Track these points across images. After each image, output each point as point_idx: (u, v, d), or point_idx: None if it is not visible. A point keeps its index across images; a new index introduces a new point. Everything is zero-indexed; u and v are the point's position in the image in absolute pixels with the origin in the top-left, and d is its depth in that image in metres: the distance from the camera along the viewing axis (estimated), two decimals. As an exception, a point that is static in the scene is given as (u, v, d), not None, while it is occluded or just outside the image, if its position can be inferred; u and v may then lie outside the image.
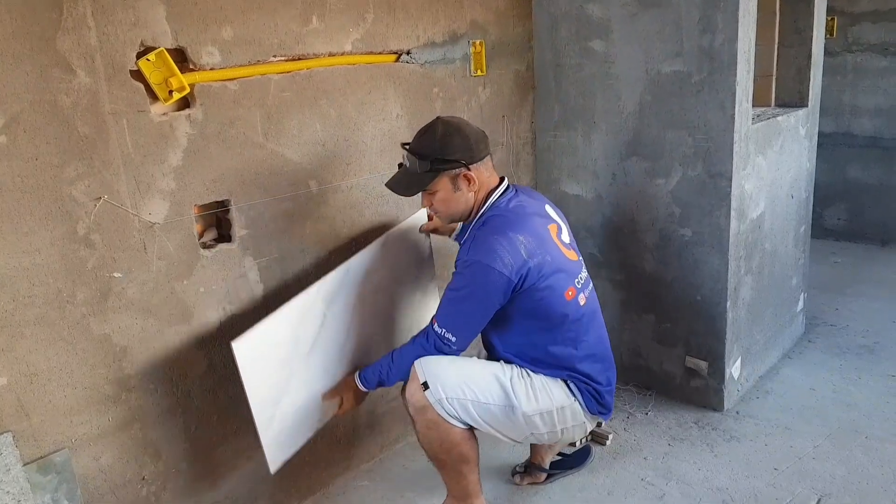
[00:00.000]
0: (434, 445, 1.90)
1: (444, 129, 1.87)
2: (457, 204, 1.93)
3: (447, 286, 1.91)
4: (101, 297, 1.68)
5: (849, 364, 2.93)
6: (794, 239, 2.99)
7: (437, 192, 1.90)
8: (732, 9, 2.21)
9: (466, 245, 1.89)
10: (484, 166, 1.93)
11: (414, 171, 1.89)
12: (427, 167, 1.86)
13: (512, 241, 1.83)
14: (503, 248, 1.81)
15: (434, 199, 1.93)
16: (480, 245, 1.84)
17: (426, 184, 1.89)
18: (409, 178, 1.91)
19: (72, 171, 1.58)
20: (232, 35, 1.82)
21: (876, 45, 4.25)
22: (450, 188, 1.90)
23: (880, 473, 2.22)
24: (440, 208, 1.95)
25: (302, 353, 1.96)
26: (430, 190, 1.90)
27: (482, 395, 1.88)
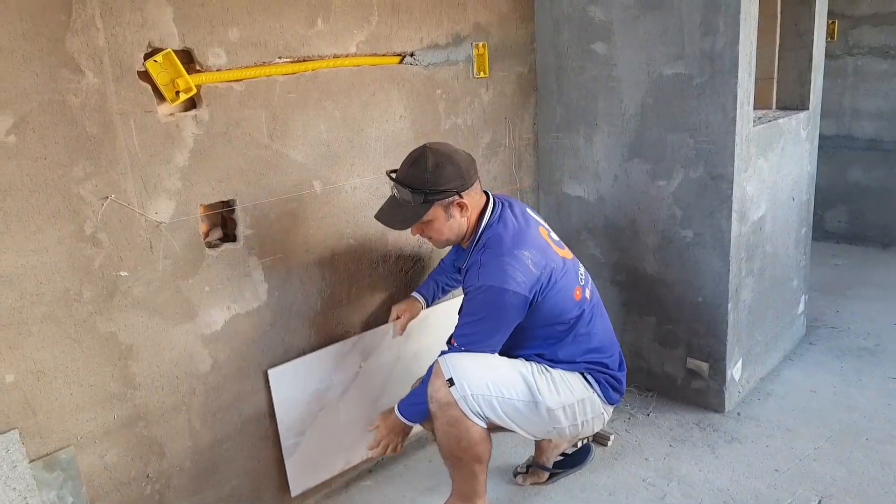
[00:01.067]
0: (453, 443, 1.90)
1: (434, 160, 1.87)
2: (450, 231, 1.96)
3: (461, 310, 1.95)
4: (108, 296, 1.69)
5: (849, 366, 2.94)
6: (795, 241, 3.00)
7: (431, 222, 1.93)
8: (734, 12, 2.23)
9: (474, 271, 1.90)
10: (474, 190, 1.95)
11: (406, 203, 1.90)
12: (420, 199, 1.87)
13: (519, 258, 1.86)
14: (513, 268, 1.85)
15: (427, 228, 1.95)
16: (489, 269, 1.86)
17: (420, 216, 1.90)
18: (403, 212, 1.91)
19: (79, 171, 1.60)
20: (238, 37, 1.83)
21: (876, 49, 4.26)
22: (443, 217, 1.93)
23: (881, 475, 2.23)
24: (433, 236, 1.98)
25: (333, 396, 2.20)
26: (422, 219, 1.92)
27: (507, 391, 1.90)
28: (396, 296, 2.40)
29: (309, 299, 2.13)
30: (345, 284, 2.23)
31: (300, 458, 2.15)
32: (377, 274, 2.33)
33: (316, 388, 2.16)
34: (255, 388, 2.05)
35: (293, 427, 2.12)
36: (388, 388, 2.36)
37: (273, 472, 2.13)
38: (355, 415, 2.28)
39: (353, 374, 2.26)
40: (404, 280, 2.43)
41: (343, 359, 2.23)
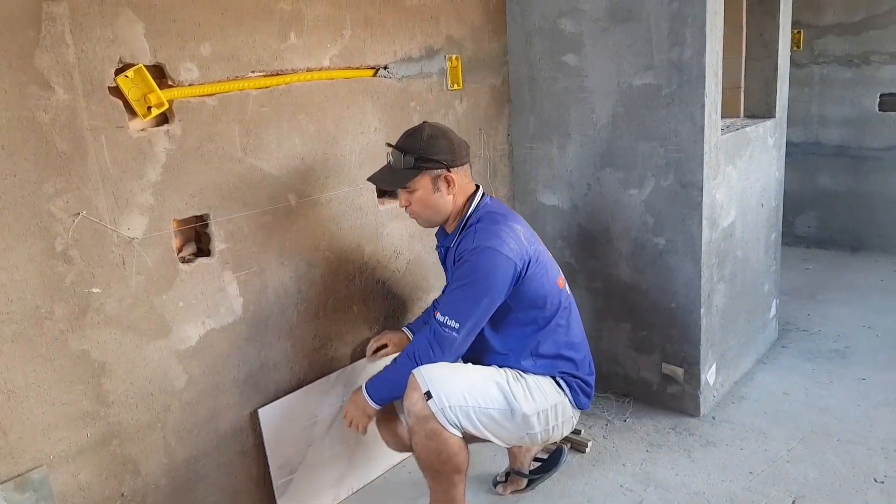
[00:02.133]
0: (432, 456, 1.90)
1: (430, 131, 1.94)
2: (434, 206, 1.99)
3: (451, 281, 1.96)
4: (80, 313, 1.68)
5: (821, 368, 3.00)
6: (766, 246, 3.06)
7: (417, 192, 1.96)
8: (700, 23, 2.27)
9: (469, 237, 1.93)
10: (464, 172, 2.00)
11: (398, 167, 1.96)
12: (411, 163, 1.92)
13: (513, 229, 1.94)
14: (507, 234, 1.91)
15: (413, 197, 1.97)
16: (484, 233, 1.90)
17: (408, 179, 1.94)
18: (392, 174, 1.98)
19: (50, 188, 1.59)
20: (210, 51, 1.84)
21: (841, 57, 4.36)
22: (430, 188, 1.96)
23: (852, 475, 2.27)
24: (417, 209, 1.99)
25: (319, 431, 2.22)
26: (411, 188, 1.95)
27: (483, 401, 1.90)
28: (373, 307, 2.41)
29: (285, 313, 2.13)
30: (321, 297, 2.23)
31: (291, 497, 2.15)
32: (354, 286, 2.33)
33: (303, 425, 2.18)
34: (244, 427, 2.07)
35: (285, 464, 2.13)
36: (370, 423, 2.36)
37: (251, 488, 2.12)
38: (339, 450, 2.28)
39: (337, 409, 2.27)
40: (381, 291, 2.43)
41: (327, 393, 2.25)
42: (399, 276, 2.49)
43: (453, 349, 1.90)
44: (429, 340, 1.91)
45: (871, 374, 2.91)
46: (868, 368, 2.96)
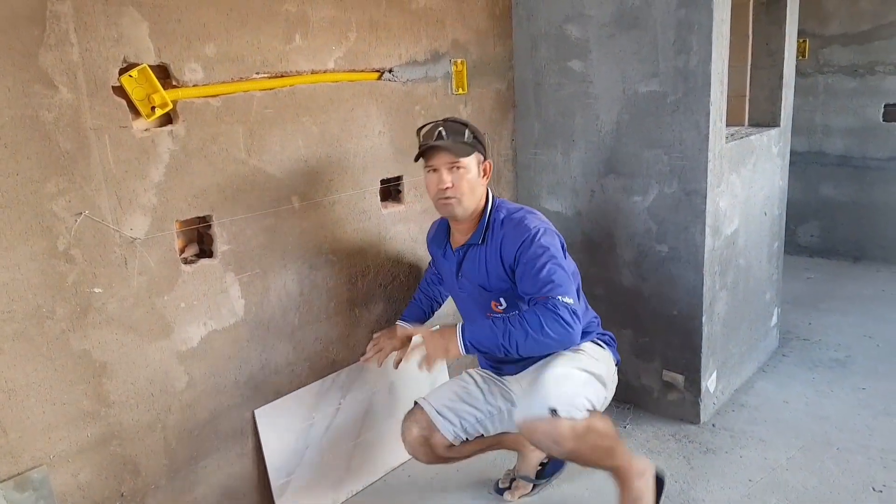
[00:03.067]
0: (600, 452, 1.86)
1: (466, 120, 1.99)
2: (477, 192, 1.95)
3: (528, 269, 1.83)
4: (81, 313, 1.67)
5: (821, 377, 2.99)
6: (768, 255, 3.05)
7: (468, 169, 1.92)
8: (706, 31, 2.27)
9: (512, 229, 1.91)
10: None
11: (459, 140, 1.90)
12: (471, 139, 1.92)
13: (541, 216, 1.98)
14: (540, 217, 1.96)
15: (461, 177, 1.90)
16: (529, 221, 1.91)
17: (468, 153, 1.91)
18: (454, 145, 1.90)
19: (53, 187, 1.59)
20: (215, 52, 1.83)
21: (846, 67, 4.36)
22: (475, 170, 1.94)
23: (850, 484, 2.26)
24: (465, 190, 1.91)
25: (317, 433, 2.21)
26: (463, 165, 1.90)
27: (579, 383, 1.87)
28: (375, 311, 2.41)
29: (287, 315, 2.13)
30: (323, 300, 2.23)
31: (290, 499, 2.14)
32: (356, 289, 2.33)
33: (300, 426, 2.17)
34: (244, 428, 2.07)
35: (283, 466, 2.13)
36: (368, 423, 2.37)
37: (251, 490, 2.11)
38: (338, 452, 2.28)
39: (334, 411, 2.27)
40: (383, 295, 2.43)
41: (324, 395, 2.25)
42: (402, 281, 2.49)
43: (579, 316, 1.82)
44: (558, 317, 1.74)
45: (871, 384, 2.90)
46: (868, 378, 2.96)
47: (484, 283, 1.99)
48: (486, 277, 1.98)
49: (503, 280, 1.94)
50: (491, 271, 1.96)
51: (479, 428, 2.11)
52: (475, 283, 2.01)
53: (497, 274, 1.95)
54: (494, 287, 1.97)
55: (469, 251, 2.01)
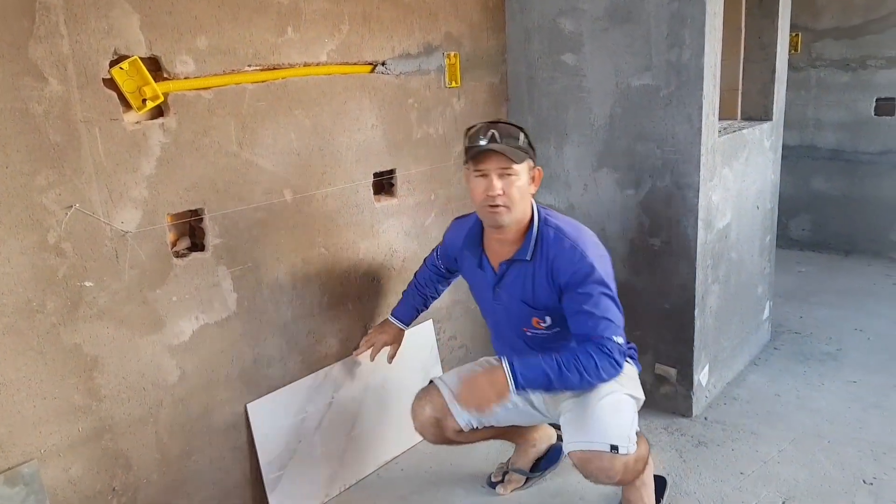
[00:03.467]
0: (637, 473, 1.87)
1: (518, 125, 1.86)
2: (526, 200, 1.83)
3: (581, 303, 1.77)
4: (72, 307, 1.66)
5: (812, 371, 3.01)
6: (760, 249, 3.06)
7: (519, 176, 1.78)
8: (699, 25, 2.27)
9: (567, 250, 1.81)
10: None
11: (513, 144, 1.77)
12: (526, 144, 1.79)
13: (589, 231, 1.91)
14: (594, 236, 1.88)
15: (512, 182, 1.77)
16: (584, 244, 1.82)
17: (522, 158, 1.78)
18: (509, 149, 1.76)
19: (42, 180, 1.57)
20: (207, 44, 1.82)
21: (838, 61, 4.37)
22: (527, 178, 1.81)
23: (841, 476, 2.28)
24: (516, 197, 1.78)
25: (309, 427, 2.21)
26: (514, 171, 1.76)
27: (627, 410, 1.86)
28: (368, 305, 2.40)
29: (280, 309, 2.12)
30: (316, 294, 2.22)
31: (282, 493, 2.14)
32: (349, 283, 2.32)
33: (292, 420, 2.17)
34: (237, 423, 2.06)
35: (275, 460, 2.12)
36: (361, 417, 2.37)
37: (244, 483, 2.11)
38: (331, 447, 2.28)
39: (326, 405, 2.27)
40: (376, 289, 2.42)
41: (317, 389, 2.25)
42: (394, 274, 2.48)
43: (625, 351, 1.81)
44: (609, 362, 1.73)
45: (862, 377, 2.92)
46: (859, 371, 2.98)
47: (528, 299, 1.89)
48: (532, 295, 1.87)
49: (551, 299, 1.85)
50: (538, 289, 1.85)
51: (492, 419, 2.08)
52: (516, 298, 1.91)
53: (545, 293, 1.85)
54: (540, 305, 1.88)
55: (514, 265, 1.89)
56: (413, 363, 2.55)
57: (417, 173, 2.49)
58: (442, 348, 2.69)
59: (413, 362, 2.55)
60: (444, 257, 2.21)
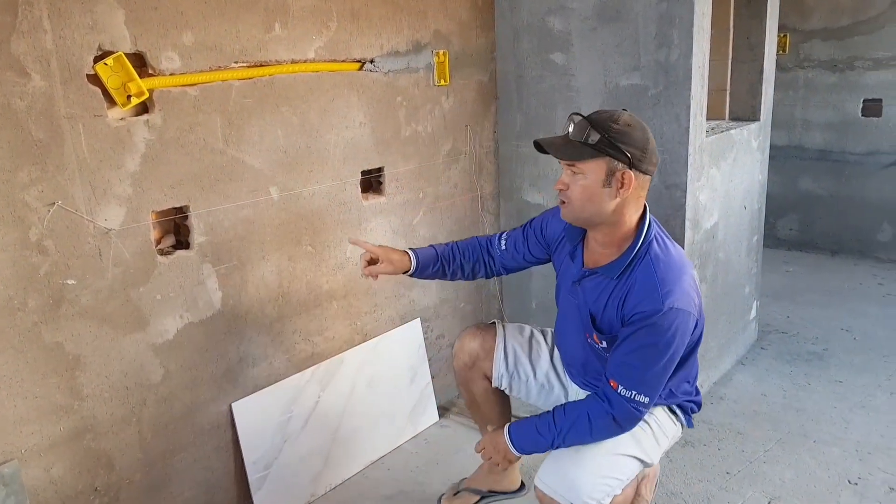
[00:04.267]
0: None
1: (628, 119, 1.62)
2: (596, 203, 1.62)
3: (623, 341, 1.63)
4: (54, 305, 1.65)
5: (799, 370, 3.02)
6: (747, 248, 3.07)
7: (585, 175, 1.61)
8: (687, 25, 2.27)
9: (646, 288, 1.61)
10: (643, 182, 1.65)
11: (577, 138, 1.61)
12: (595, 140, 1.58)
13: (692, 277, 1.66)
14: (691, 287, 1.63)
15: (576, 181, 1.63)
16: (671, 287, 1.59)
17: (585, 157, 1.60)
18: (569, 144, 1.63)
19: (25, 176, 1.56)
20: (193, 41, 1.81)
21: (826, 62, 4.40)
22: (601, 179, 1.60)
23: (826, 476, 2.29)
24: (576, 196, 1.64)
25: (295, 427, 2.19)
26: (580, 169, 1.61)
27: (623, 475, 1.70)
28: (355, 303, 2.39)
29: (265, 308, 2.11)
30: (303, 292, 2.21)
31: (267, 492, 2.13)
32: (336, 281, 2.31)
33: (278, 420, 2.16)
34: (221, 422, 2.05)
35: (260, 460, 2.11)
36: (347, 417, 2.36)
37: (228, 483, 2.09)
38: (316, 446, 2.27)
39: (312, 404, 2.26)
40: (363, 287, 2.41)
41: (303, 388, 2.23)
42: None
43: (638, 424, 1.67)
44: (612, 416, 1.62)
45: (848, 377, 2.94)
46: (845, 371, 2.99)
47: (597, 314, 1.74)
48: (602, 311, 1.72)
49: (614, 326, 1.69)
50: (609, 309, 1.70)
51: (522, 390, 2.01)
52: (587, 306, 1.76)
53: (613, 315, 1.69)
54: (604, 326, 1.73)
55: (597, 275, 1.73)
56: (400, 362, 2.54)
57: (405, 171, 2.48)
58: (430, 347, 2.68)
59: (400, 361, 2.54)
60: (535, 231, 1.95)
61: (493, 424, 2.09)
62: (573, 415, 1.66)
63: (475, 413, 2.13)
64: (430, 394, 2.64)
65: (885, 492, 2.21)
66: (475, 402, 2.09)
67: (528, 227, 1.97)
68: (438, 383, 2.72)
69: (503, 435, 1.77)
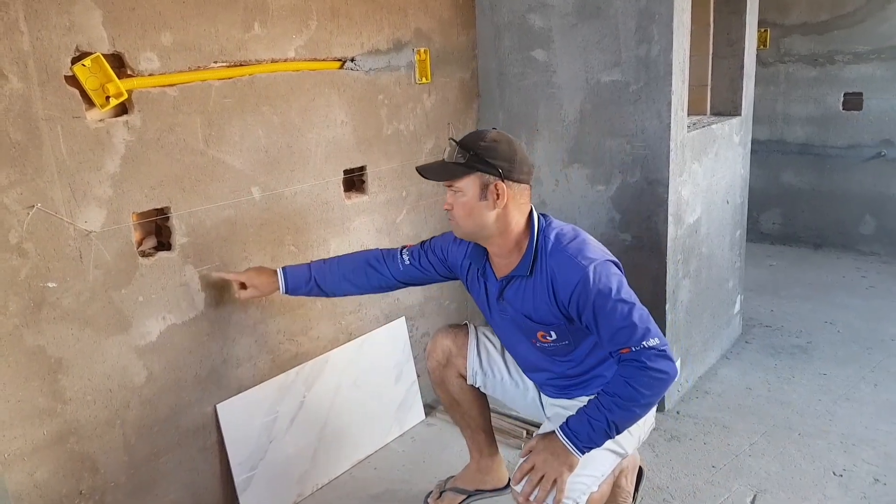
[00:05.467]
0: None
1: (495, 136, 1.74)
2: (477, 216, 1.73)
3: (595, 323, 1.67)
4: (35, 308, 1.63)
5: (783, 364, 3.05)
6: (730, 243, 3.10)
7: (463, 193, 1.72)
8: (667, 20, 2.29)
9: (563, 271, 1.70)
10: (519, 191, 1.74)
11: (450, 161, 1.73)
12: (463, 159, 1.71)
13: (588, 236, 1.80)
14: (594, 242, 1.77)
15: (457, 200, 1.74)
16: (579, 255, 1.70)
17: (458, 176, 1.71)
18: (443, 167, 1.75)
19: (3, 179, 1.54)
20: (171, 41, 1.80)
21: (806, 56, 4.43)
22: (476, 195, 1.72)
23: (812, 468, 2.31)
24: (459, 213, 1.75)
25: (280, 427, 2.19)
26: (457, 187, 1.73)
27: (598, 471, 1.73)
28: (338, 303, 2.39)
29: (248, 308, 2.10)
30: (286, 292, 2.20)
31: (253, 493, 2.12)
32: (319, 281, 2.31)
33: (263, 420, 2.15)
34: (206, 423, 2.04)
35: (245, 461, 2.10)
36: (332, 417, 2.35)
37: (214, 485, 2.09)
38: (302, 446, 2.26)
39: (298, 404, 2.25)
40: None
41: (288, 388, 2.23)
42: (366, 271, 2.47)
43: (673, 357, 1.66)
44: (646, 370, 1.62)
45: (832, 370, 2.97)
46: (829, 364, 3.02)
47: (531, 314, 1.80)
48: (534, 310, 1.79)
49: (554, 316, 1.76)
50: (539, 306, 1.77)
51: (497, 388, 2.03)
52: (520, 312, 1.82)
53: (547, 309, 1.76)
54: (543, 320, 1.79)
55: (513, 281, 1.81)
56: (385, 361, 2.54)
57: (388, 170, 2.48)
58: (415, 345, 2.69)
59: (385, 360, 2.54)
60: (436, 254, 2.00)
61: (474, 423, 2.10)
62: (612, 389, 1.65)
63: (455, 413, 2.12)
64: (416, 392, 2.64)
65: (870, 483, 2.23)
66: (454, 400, 2.08)
67: (429, 248, 2.00)
68: (424, 382, 2.71)
69: (558, 439, 1.66)
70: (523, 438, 2.46)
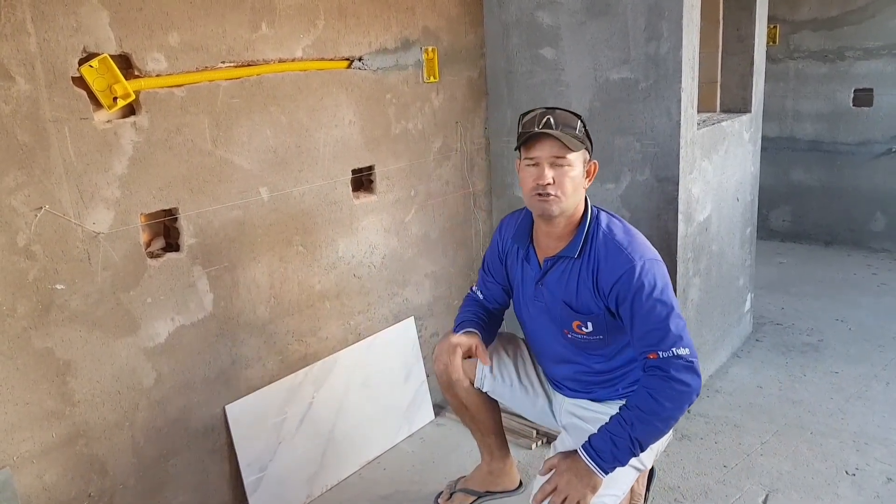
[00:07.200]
0: None
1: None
2: (579, 192, 1.70)
3: (630, 318, 1.64)
4: (43, 310, 1.63)
5: (794, 362, 3.02)
6: (741, 240, 3.07)
7: (573, 166, 1.66)
8: (676, 17, 2.27)
9: (611, 259, 1.66)
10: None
11: (567, 132, 1.66)
12: (582, 132, 1.68)
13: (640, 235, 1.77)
14: (646, 240, 1.73)
15: (565, 173, 1.65)
16: (630, 247, 1.67)
17: (578, 147, 1.67)
18: (565, 136, 1.65)
19: (11, 181, 1.54)
20: (179, 41, 1.79)
21: (816, 53, 4.40)
22: (581, 168, 1.69)
23: (824, 467, 2.29)
24: (568, 188, 1.66)
25: (289, 428, 2.18)
26: (569, 161, 1.65)
27: (620, 490, 1.70)
28: (347, 303, 2.38)
29: (257, 309, 2.10)
30: (294, 293, 2.20)
31: (263, 495, 2.11)
32: (328, 281, 2.30)
33: (272, 421, 2.15)
34: (215, 425, 2.03)
35: (255, 462, 2.10)
36: (342, 417, 2.35)
37: (223, 486, 2.08)
38: (312, 447, 2.25)
39: (307, 405, 2.24)
40: (356, 287, 2.40)
41: (297, 389, 2.22)
42: (374, 271, 2.46)
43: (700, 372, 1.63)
44: (671, 381, 1.58)
45: (844, 368, 2.94)
46: (840, 362, 3.00)
47: (571, 300, 1.75)
48: (575, 295, 1.73)
49: (595, 304, 1.71)
50: (582, 291, 1.72)
51: (505, 393, 1.99)
52: (558, 298, 1.77)
53: (588, 296, 1.71)
54: (582, 308, 1.74)
55: (559, 262, 1.76)
56: (394, 361, 2.54)
57: (396, 169, 2.47)
58: (424, 345, 2.68)
59: (394, 360, 2.54)
60: (493, 265, 1.98)
61: (484, 427, 2.08)
62: (634, 402, 1.62)
63: (464, 417, 2.10)
64: (425, 392, 2.63)
65: (883, 482, 2.21)
66: (462, 404, 2.05)
67: (485, 263, 2.01)
68: (433, 382, 2.70)
69: (581, 459, 1.62)
70: (533, 438, 2.44)
